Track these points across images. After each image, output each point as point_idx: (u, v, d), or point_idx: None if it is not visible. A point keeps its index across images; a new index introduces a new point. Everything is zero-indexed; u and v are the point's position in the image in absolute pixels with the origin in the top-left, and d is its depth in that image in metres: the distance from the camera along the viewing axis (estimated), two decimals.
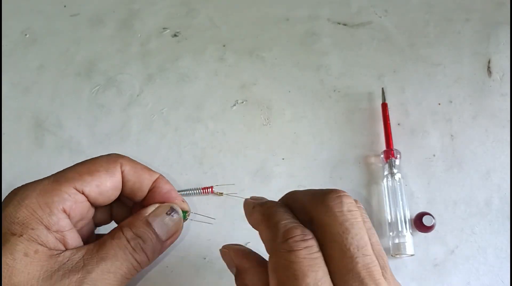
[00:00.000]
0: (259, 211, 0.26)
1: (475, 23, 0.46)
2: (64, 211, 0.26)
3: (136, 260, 0.27)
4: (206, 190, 0.39)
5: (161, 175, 0.31)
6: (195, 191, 0.39)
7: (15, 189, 0.27)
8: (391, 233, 0.37)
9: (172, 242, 0.30)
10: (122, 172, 0.29)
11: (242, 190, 0.40)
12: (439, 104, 0.43)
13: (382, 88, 0.42)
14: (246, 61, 0.45)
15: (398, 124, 0.42)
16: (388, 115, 0.41)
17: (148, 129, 0.43)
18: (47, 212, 0.26)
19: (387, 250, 0.37)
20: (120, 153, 0.30)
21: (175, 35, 0.47)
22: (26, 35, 0.48)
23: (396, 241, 0.36)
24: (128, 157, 0.30)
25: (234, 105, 0.44)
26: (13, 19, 0.48)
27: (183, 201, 0.32)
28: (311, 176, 0.40)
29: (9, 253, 0.24)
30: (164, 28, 0.47)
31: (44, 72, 0.46)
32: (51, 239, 0.26)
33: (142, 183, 0.30)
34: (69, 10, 0.49)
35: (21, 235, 0.25)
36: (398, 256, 0.36)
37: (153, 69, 0.45)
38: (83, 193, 0.27)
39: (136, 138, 0.42)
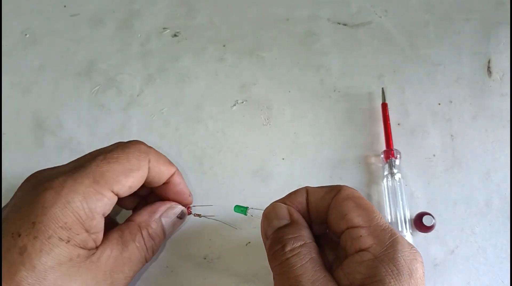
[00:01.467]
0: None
1: (475, 23, 0.46)
2: (103, 215, 0.28)
3: (146, 260, 0.31)
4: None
5: (177, 169, 0.34)
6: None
7: (51, 181, 0.27)
8: None
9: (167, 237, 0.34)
10: (149, 167, 0.31)
11: (242, 190, 0.40)
12: (439, 104, 0.43)
13: (382, 88, 0.42)
14: (246, 61, 0.45)
15: (398, 124, 0.42)
16: (388, 115, 0.41)
17: (148, 129, 0.43)
18: (90, 217, 0.26)
19: None
20: (144, 143, 0.31)
21: (175, 35, 0.47)
22: (26, 35, 0.48)
23: None
24: (154, 149, 0.31)
25: (234, 105, 0.44)
26: (13, 19, 0.48)
27: (189, 195, 0.35)
28: (311, 176, 0.40)
29: (57, 259, 0.25)
30: (164, 28, 0.47)
31: (44, 72, 0.46)
32: (89, 242, 0.27)
33: (161, 177, 0.32)
34: (69, 10, 0.49)
35: (68, 241, 0.25)
36: None
37: (153, 69, 0.45)
38: (117, 194, 0.29)
39: (136, 138, 0.42)
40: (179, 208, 0.33)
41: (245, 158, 0.41)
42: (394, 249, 0.25)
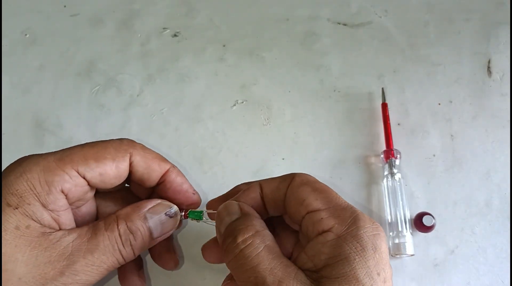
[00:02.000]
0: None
1: (475, 23, 0.46)
2: (62, 192, 0.26)
3: (122, 255, 0.27)
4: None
5: (172, 166, 0.31)
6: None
7: (19, 159, 0.27)
8: (391, 233, 0.37)
9: (161, 240, 0.30)
10: (131, 163, 0.29)
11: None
12: (439, 104, 0.43)
13: (382, 88, 0.42)
14: (246, 61, 0.45)
15: (398, 124, 0.42)
16: (388, 115, 0.41)
17: (148, 129, 0.43)
18: (46, 190, 0.26)
19: None
20: (133, 140, 0.30)
21: (175, 35, 0.47)
22: (26, 35, 0.48)
23: (396, 241, 0.36)
24: (141, 145, 0.30)
25: (234, 105, 0.44)
26: (13, 19, 0.48)
27: (194, 193, 0.32)
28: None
29: (3, 223, 0.24)
30: (164, 28, 0.47)
31: (44, 72, 0.46)
32: (46, 217, 0.26)
33: (151, 175, 0.30)
34: (69, 10, 0.49)
35: (16, 208, 0.25)
36: (398, 256, 0.36)
37: (153, 69, 0.45)
38: (84, 178, 0.27)
39: (136, 138, 0.42)
40: (167, 204, 0.30)
41: (245, 158, 0.41)
42: (357, 226, 0.25)
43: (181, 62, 0.46)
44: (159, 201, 0.30)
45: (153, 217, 0.29)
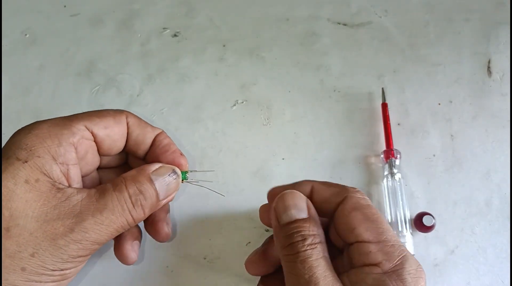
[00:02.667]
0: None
1: (475, 23, 0.46)
2: (73, 145, 0.27)
3: (132, 216, 0.28)
4: None
5: (163, 131, 0.33)
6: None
7: (27, 125, 0.28)
8: None
9: (166, 203, 0.30)
10: (127, 123, 0.30)
11: (242, 190, 0.40)
12: (439, 104, 0.43)
13: (382, 88, 0.42)
14: (246, 61, 0.45)
15: (398, 124, 0.42)
16: (388, 115, 0.41)
17: None
18: (56, 143, 0.26)
19: None
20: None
21: (175, 35, 0.47)
22: (26, 35, 0.48)
23: None
24: (134, 114, 0.32)
25: (234, 105, 0.44)
26: (13, 19, 0.48)
27: (181, 155, 0.32)
28: (311, 176, 0.40)
29: (11, 177, 0.24)
30: (164, 28, 0.47)
31: (44, 72, 0.46)
32: (55, 171, 0.26)
33: (145, 136, 0.31)
34: (69, 10, 0.49)
35: (26, 162, 0.25)
36: None
37: (153, 69, 0.45)
38: (91, 132, 0.28)
39: None
40: (170, 166, 0.31)
41: (245, 158, 0.41)
42: (403, 267, 0.25)
43: (181, 62, 0.46)
44: (161, 164, 0.30)
45: (158, 178, 0.29)
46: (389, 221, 0.37)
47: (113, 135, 0.30)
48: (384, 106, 0.41)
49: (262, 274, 0.31)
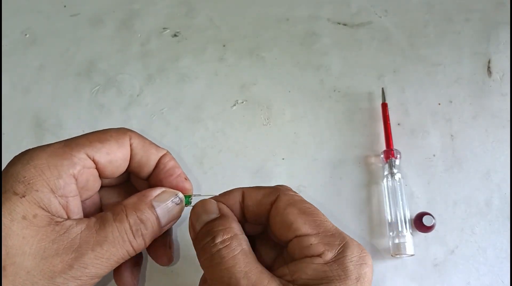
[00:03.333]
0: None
1: (475, 23, 0.46)
2: (73, 176, 0.26)
3: (132, 247, 0.27)
4: None
5: (168, 151, 0.31)
6: None
7: (25, 151, 0.26)
8: (391, 233, 0.37)
9: (168, 228, 0.30)
10: (130, 145, 0.29)
11: None
12: (439, 104, 0.43)
13: (382, 88, 0.42)
14: (246, 61, 0.45)
15: (398, 124, 0.42)
16: (388, 115, 0.41)
17: (148, 129, 0.43)
18: (55, 175, 0.25)
19: (387, 250, 0.37)
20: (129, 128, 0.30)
21: (175, 35, 0.47)
22: (26, 35, 0.48)
23: (396, 241, 0.36)
24: (137, 132, 0.30)
25: (234, 105, 0.44)
26: (13, 19, 0.48)
27: (186, 179, 0.31)
28: (311, 176, 0.40)
29: (8, 213, 0.23)
30: (164, 28, 0.47)
31: (44, 72, 0.46)
32: (54, 204, 0.25)
33: (149, 158, 0.30)
34: (69, 10, 0.49)
35: (23, 196, 0.24)
36: (398, 256, 0.36)
37: (153, 69, 0.45)
38: (93, 160, 0.27)
39: None
40: (173, 191, 0.30)
41: (245, 158, 0.41)
42: (344, 255, 0.25)
43: (181, 62, 0.46)
44: (163, 189, 0.30)
45: (160, 205, 0.28)
46: (389, 221, 0.37)
47: (116, 160, 0.28)
48: (384, 106, 0.41)
49: None
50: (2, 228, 0.23)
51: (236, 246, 0.25)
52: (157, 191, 0.29)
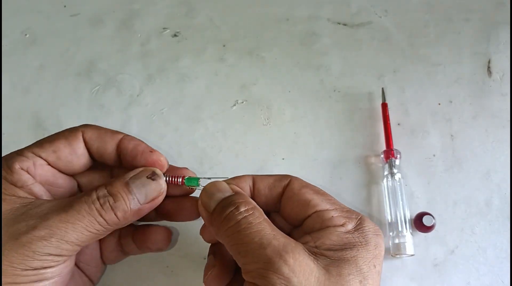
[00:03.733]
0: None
1: (475, 23, 0.46)
2: (24, 170, 0.28)
3: (102, 217, 0.27)
4: (175, 179, 0.32)
5: (125, 135, 0.32)
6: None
7: None
8: (391, 233, 0.37)
9: (151, 208, 0.30)
10: (85, 139, 0.31)
11: None
12: (439, 104, 0.43)
13: (382, 88, 0.42)
14: (246, 61, 0.45)
15: (398, 124, 0.42)
16: (388, 115, 0.41)
17: (148, 129, 0.43)
18: (9, 172, 0.28)
19: (387, 250, 0.37)
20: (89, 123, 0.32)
21: (175, 35, 0.47)
22: (26, 35, 0.48)
23: (396, 241, 0.36)
24: (95, 125, 0.32)
25: (234, 105, 0.44)
26: (13, 19, 0.48)
27: (151, 151, 0.31)
28: (311, 176, 0.40)
29: None
30: (164, 28, 0.47)
31: (44, 72, 0.46)
32: (19, 192, 0.28)
33: (106, 145, 0.31)
34: (69, 10, 0.49)
35: None
36: (398, 256, 0.36)
37: (153, 69, 0.45)
38: (41, 158, 0.29)
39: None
40: (149, 168, 0.30)
41: (245, 158, 0.41)
42: (362, 226, 0.28)
43: (181, 62, 0.46)
44: (141, 169, 0.30)
45: (135, 182, 0.29)
46: (389, 221, 0.37)
47: (65, 156, 0.30)
48: (384, 106, 0.41)
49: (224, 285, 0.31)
50: None
51: (259, 215, 0.27)
52: (135, 171, 0.30)
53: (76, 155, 0.30)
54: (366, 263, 0.26)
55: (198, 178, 0.31)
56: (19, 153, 0.29)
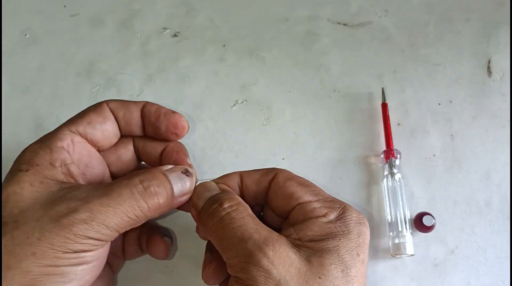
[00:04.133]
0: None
1: (475, 23, 0.46)
2: (63, 148, 0.29)
3: (145, 201, 0.27)
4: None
5: (147, 101, 0.33)
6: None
7: None
8: (391, 233, 0.37)
9: (181, 203, 0.30)
10: (110, 108, 0.31)
11: None
12: (439, 104, 0.43)
13: (382, 88, 0.42)
14: (246, 61, 0.45)
15: (398, 124, 0.42)
16: (388, 115, 0.41)
17: None
18: (48, 151, 0.28)
19: (387, 250, 0.37)
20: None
21: (175, 35, 0.47)
22: (26, 35, 0.48)
23: (396, 241, 0.36)
24: (114, 99, 0.33)
25: (234, 105, 0.44)
26: (13, 19, 0.48)
27: (173, 112, 0.32)
28: (311, 176, 0.40)
29: (16, 183, 0.26)
30: (164, 28, 0.47)
31: (44, 72, 0.46)
32: (58, 173, 0.28)
33: (131, 110, 0.32)
34: (69, 10, 0.49)
35: (27, 170, 0.27)
36: (398, 256, 0.36)
37: (153, 69, 0.45)
38: (78, 133, 0.30)
39: None
40: (182, 166, 0.31)
41: (245, 158, 0.41)
42: (345, 214, 0.28)
43: (181, 62, 0.46)
44: (174, 166, 0.31)
45: (172, 174, 0.29)
46: (389, 221, 0.37)
47: (99, 125, 0.31)
48: (384, 106, 0.41)
49: (220, 281, 0.31)
50: (13, 195, 0.26)
51: (243, 210, 0.28)
52: (168, 166, 0.31)
53: (108, 123, 0.31)
54: (349, 252, 0.26)
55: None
56: (55, 132, 0.30)
